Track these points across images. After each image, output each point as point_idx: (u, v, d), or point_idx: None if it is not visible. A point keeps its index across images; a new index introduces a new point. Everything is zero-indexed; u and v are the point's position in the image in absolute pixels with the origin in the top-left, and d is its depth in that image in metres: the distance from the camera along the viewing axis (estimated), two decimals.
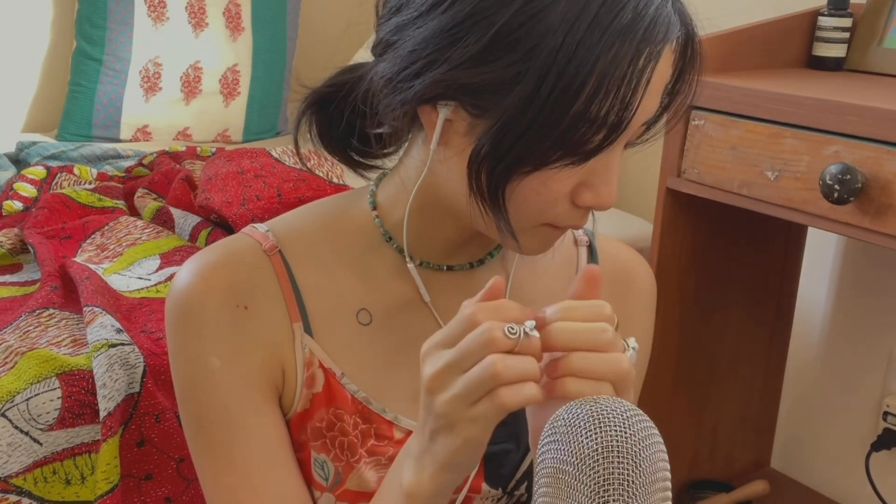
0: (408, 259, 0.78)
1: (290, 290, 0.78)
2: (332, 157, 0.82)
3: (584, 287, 0.64)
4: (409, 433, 0.78)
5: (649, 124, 0.70)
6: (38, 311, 1.31)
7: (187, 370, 0.76)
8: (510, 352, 0.59)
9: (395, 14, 0.69)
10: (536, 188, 0.67)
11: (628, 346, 0.65)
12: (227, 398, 0.75)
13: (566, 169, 0.66)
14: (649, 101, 0.67)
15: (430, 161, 0.70)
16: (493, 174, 0.66)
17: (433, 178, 0.72)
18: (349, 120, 0.77)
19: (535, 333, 0.60)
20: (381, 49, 0.71)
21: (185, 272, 0.77)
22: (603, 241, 0.88)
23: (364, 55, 0.93)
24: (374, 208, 0.80)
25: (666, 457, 0.59)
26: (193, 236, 1.64)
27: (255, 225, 0.81)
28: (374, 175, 0.83)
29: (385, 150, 0.80)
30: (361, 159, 0.82)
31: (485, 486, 0.80)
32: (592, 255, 0.87)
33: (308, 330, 0.78)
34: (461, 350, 0.60)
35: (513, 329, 0.59)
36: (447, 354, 0.61)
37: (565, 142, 0.64)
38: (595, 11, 0.62)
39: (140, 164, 2.01)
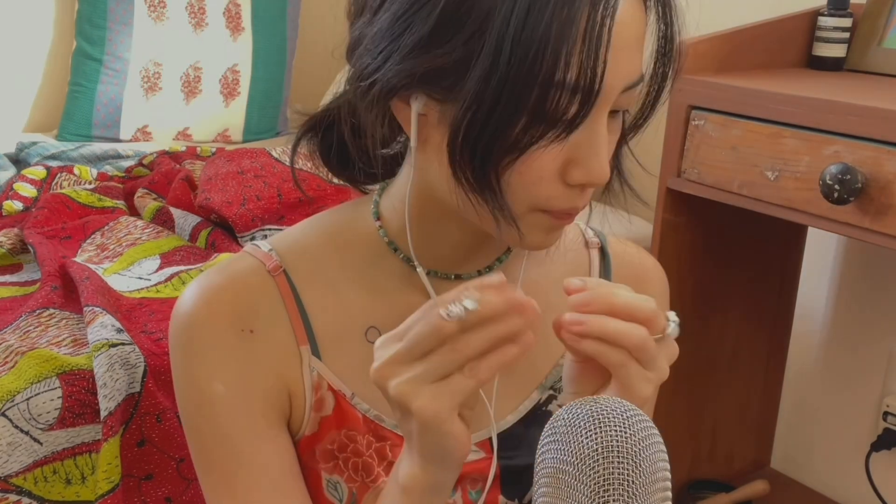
0: (417, 265, 0.75)
1: (295, 311, 0.76)
2: (338, 178, 0.81)
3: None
4: None
5: (632, 87, 0.67)
6: (38, 311, 1.31)
7: (191, 395, 0.75)
8: (461, 331, 0.59)
9: (359, 16, 0.69)
10: (518, 169, 0.64)
11: (668, 319, 0.64)
12: (230, 425, 0.74)
13: (553, 146, 0.64)
14: (624, 60, 0.64)
15: (415, 161, 0.69)
16: (473, 160, 0.64)
17: (424, 178, 0.71)
18: (346, 136, 0.76)
19: (473, 305, 0.59)
20: (349, 53, 0.70)
21: (189, 296, 0.76)
22: (615, 243, 0.87)
23: None
24: (378, 218, 0.78)
25: (666, 457, 0.59)
26: (193, 236, 1.64)
27: (257, 243, 0.79)
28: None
29: (395, 171, 0.79)
30: (370, 180, 0.80)
31: (501, 499, 0.80)
32: (604, 258, 0.86)
33: (316, 352, 0.77)
34: (410, 339, 0.60)
35: (450, 310, 0.59)
36: (396, 346, 0.61)
37: (541, 115, 0.62)
38: None
39: (140, 164, 2.01)
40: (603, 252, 0.86)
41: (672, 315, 0.65)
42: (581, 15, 0.60)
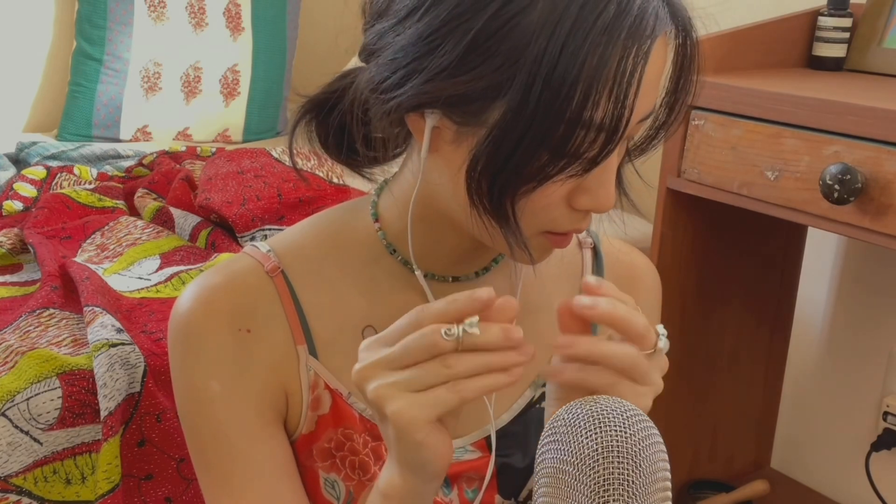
0: (415, 268, 0.76)
1: (293, 311, 0.77)
2: (336, 162, 0.81)
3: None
4: None
5: (646, 119, 0.68)
6: (38, 311, 1.31)
7: (188, 394, 0.76)
8: (455, 351, 0.59)
9: (378, 20, 0.68)
10: (529, 195, 0.65)
11: (658, 333, 0.64)
12: (225, 424, 0.75)
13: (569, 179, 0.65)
14: (644, 97, 0.64)
15: (423, 170, 0.69)
16: (493, 188, 0.64)
17: (429, 186, 0.71)
18: (351, 125, 0.75)
19: (475, 330, 0.59)
20: (366, 55, 0.70)
21: (187, 296, 0.76)
22: (607, 242, 0.88)
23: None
24: (377, 220, 0.78)
25: (666, 457, 0.59)
26: (193, 236, 1.64)
27: (256, 244, 0.79)
28: (379, 175, 0.82)
29: (395, 152, 0.79)
30: (369, 164, 0.80)
31: (498, 497, 0.80)
32: (597, 257, 0.86)
33: (313, 351, 0.77)
34: (403, 347, 0.60)
35: (450, 331, 0.59)
36: (384, 351, 0.61)
37: (564, 151, 0.62)
38: (576, 13, 0.59)
39: (140, 164, 2.01)
40: (596, 252, 0.87)
41: (661, 329, 0.65)
42: (613, 59, 0.60)
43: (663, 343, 0.64)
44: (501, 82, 0.61)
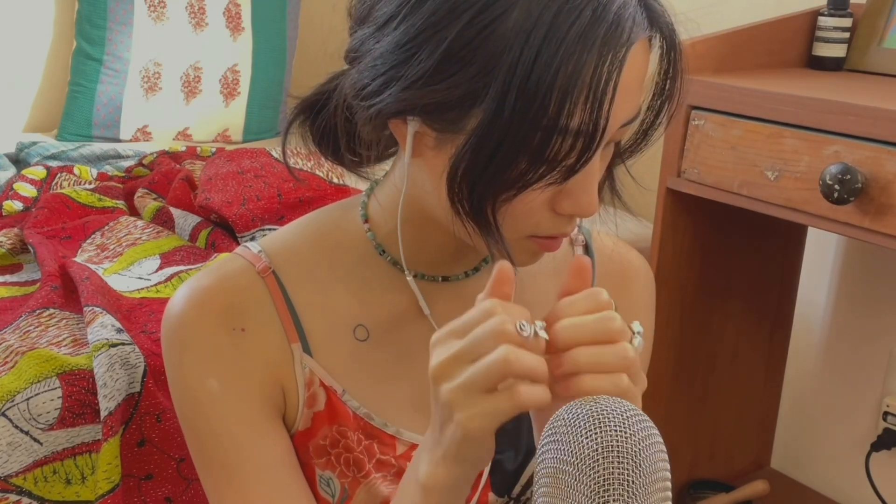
0: (407, 272, 0.76)
1: (286, 310, 0.77)
2: (332, 162, 0.81)
3: (574, 280, 0.63)
4: (411, 446, 0.78)
5: (630, 123, 0.68)
6: (38, 311, 1.31)
7: (186, 395, 0.76)
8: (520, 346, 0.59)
9: (360, 25, 0.68)
10: (511, 201, 0.65)
11: (633, 331, 0.64)
12: (226, 420, 0.75)
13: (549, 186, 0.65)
14: (624, 103, 0.64)
15: (407, 174, 0.70)
16: (473, 195, 0.64)
17: (415, 189, 0.71)
18: (338, 127, 0.76)
19: (544, 335, 0.59)
20: (350, 59, 0.70)
21: (180, 298, 0.76)
22: (599, 240, 0.88)
23: None
24: (366, 221, 0.79)
25: (666, 457, 0.59)
26: (193, 236, 1.64)
27: (247, 244, 0.80)
28: (375, 174, 0.82)
29: (388, 152, 0.79)
30: (360, 165, 0.81)
31: (491, 496, 0.80)
32: (589, 254, 0.87)
33: (307, 349, 0.77)
34: (472, 339, 0.59)
35: (524, 326, 0.59)
36: (457, 344, 0.60)
37: (542, 159, 0.62)
38: (549, 20, 0.59)
39: (140, 164, 2.01)
40: (587, 249, 0.87)
41: (637, 326, 0.64)
42: (588, 67, 0.60)
43: (638, 342, 0.63)
44: (477, 90, 0.61)
